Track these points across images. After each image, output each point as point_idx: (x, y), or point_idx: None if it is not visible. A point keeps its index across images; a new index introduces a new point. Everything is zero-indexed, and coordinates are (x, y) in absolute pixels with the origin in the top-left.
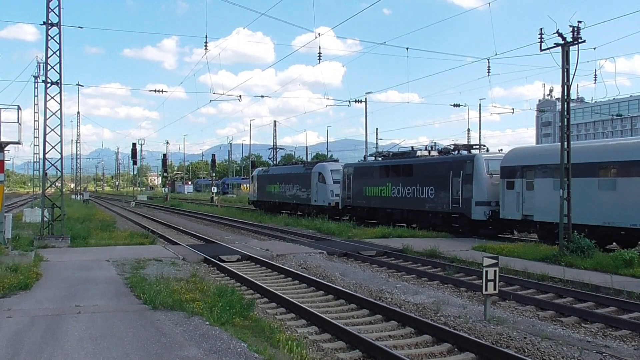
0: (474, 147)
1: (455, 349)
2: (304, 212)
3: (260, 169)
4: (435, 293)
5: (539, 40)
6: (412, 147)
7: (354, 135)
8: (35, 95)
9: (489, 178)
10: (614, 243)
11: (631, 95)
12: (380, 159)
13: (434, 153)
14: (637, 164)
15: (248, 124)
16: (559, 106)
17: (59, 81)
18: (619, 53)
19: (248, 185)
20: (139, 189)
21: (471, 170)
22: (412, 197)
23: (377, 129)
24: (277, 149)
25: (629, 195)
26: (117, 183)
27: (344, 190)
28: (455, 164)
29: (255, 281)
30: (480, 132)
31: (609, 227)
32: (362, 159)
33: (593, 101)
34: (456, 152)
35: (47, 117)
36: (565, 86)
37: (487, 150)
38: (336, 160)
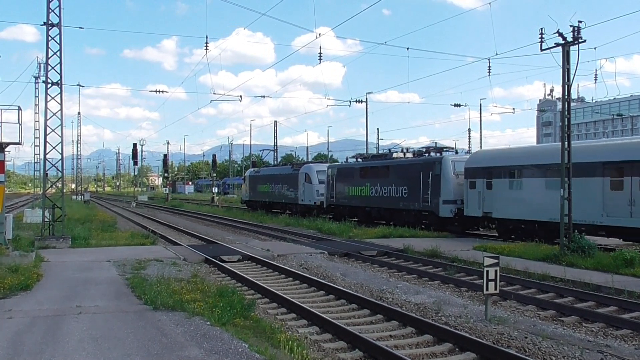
0: (445, 149)
1: (456, 349)
2: (292, 211)
3: (251, 169)
4: (436, 293)
5: (540, 40)
6: (390, 150)
7: (354, 136)
8: (35, 96)
9: (455, 178)
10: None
11: (632, 95)
12: (360, 160)
13: (409, 155)
14: (576, 166)
15: (248, 124)
16: (559, 106)
17: (59, 82)
18: (618, 53)
19: None
20: (139, 189)
21: (439, 171)
22: (388, 196)
23: (377, 129)
24: (267, 150)
25: (572, 194)
26: (117, 183)
27: (328, 190)
28: (425, 165)
29: (256, 281)
30: (480, 132)
31: (555, 222)
32: (345, 160)
33: (593, 101)
34: (428, 154)
35: (48, 118)
36: (566, 86)
37: (457, 153)
38: (323, 161)
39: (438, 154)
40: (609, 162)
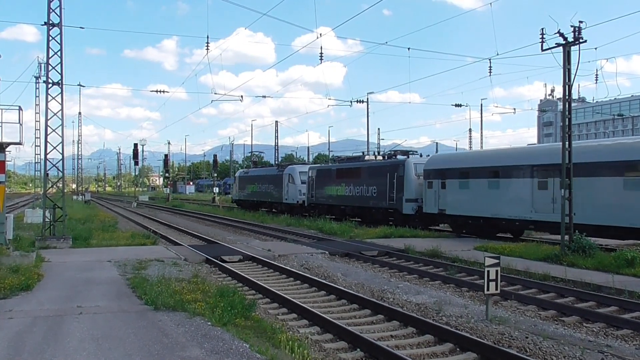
0: (410, 152)
1: (457, 349)
2: (277, 209)
3: (241, 170)
4: (437, 293)
5: (541, 40)
6: (363, 152)
7: (355, 136)
8: (36, 96)
9: (416, 179)
10: (508, 233)
11: (632, 95)
12: (337, 162)
13: (380, 158)
14: (511, 168)
15: (249, 124)
16: (560, 106)
17: (60, 81)
18: (618, 53)
19: None
20: (140, 189)
21: (403, 172)
22: (360, 195)
23: (378, 129)
24: (256, 152)
25: (507, 193)
26: (118, 183)
27: (309, 190)
28: (391, 167)
29: (257, 281)
30: (481, 132)
31: (496, 218)
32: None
33: (594, 101)
34: (395, 157)
35: (49, 118)
36: (567, 86)
37: (421, 156)
38: (305, 163)
39: (405, 157)
40: (537, 165)
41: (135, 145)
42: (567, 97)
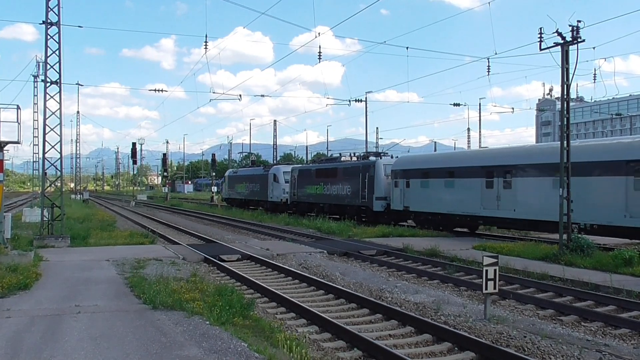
0: (382, 154)
1: (456, 348)
2: (263, 207)
3: (230, 170)
4: (435, 292)
5: (539, 39)
6: (340, 154)
7: (354, 135)
8: (34, 95)
9: (386, 179)
10: (464, 227)
11: (630, 95)
12: (317, 163)
13: (355, 159)
14: (464, 169)
15: (248, 123)
16: (558, 105)
17: (58, 80)
18: (616, 53)
19: None
20: (139, 188)
21: (373, 172)
22: (336, 194)
23: (377, 128)
24: (250, 152)
25: (461, 192)
26: (117, 182)
27: (291, 189)
28: (363, 167)
29: (256, 281)
30: (480, 132)
31: (451, 214)
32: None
33: (592, 100)
34: (367, 158)
35: (47, 117)
36: (565, 85)
37: (392, 157)
38: (288, 163)
39: (376, 158)
40: (485, 167)
41: (134, 144)
42: (565, 97)
